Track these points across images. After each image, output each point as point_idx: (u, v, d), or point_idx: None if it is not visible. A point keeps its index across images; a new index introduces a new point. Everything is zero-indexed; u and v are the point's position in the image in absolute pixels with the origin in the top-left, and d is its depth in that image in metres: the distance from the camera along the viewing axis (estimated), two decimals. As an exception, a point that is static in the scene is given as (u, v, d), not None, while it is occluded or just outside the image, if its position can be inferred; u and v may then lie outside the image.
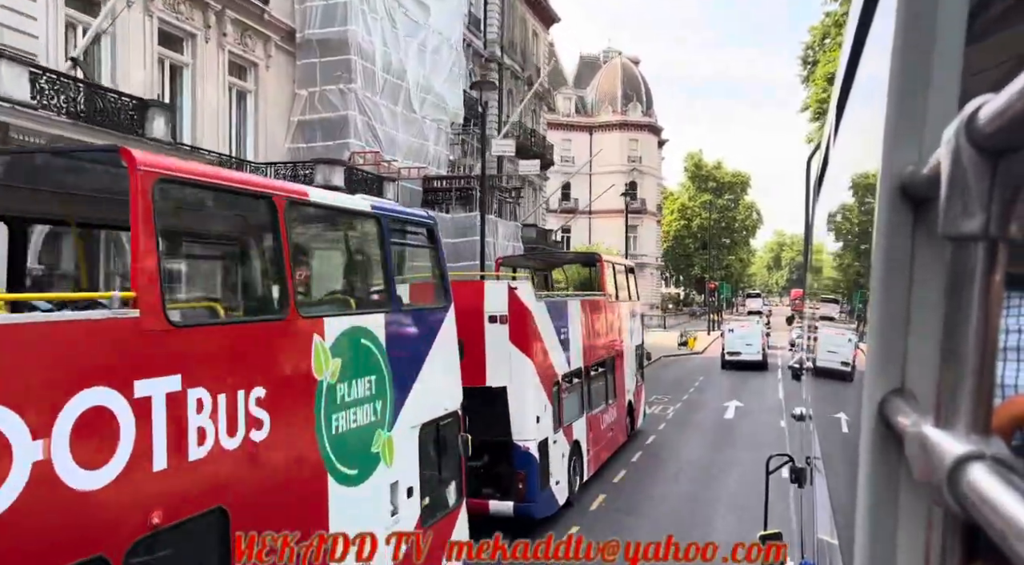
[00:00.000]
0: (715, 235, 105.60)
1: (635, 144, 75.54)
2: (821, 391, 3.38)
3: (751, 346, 36.92)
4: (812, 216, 5.43)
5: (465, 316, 11.78)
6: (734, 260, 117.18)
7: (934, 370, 0.75)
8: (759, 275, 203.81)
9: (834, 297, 2.73)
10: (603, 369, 17.08)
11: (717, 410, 25.33)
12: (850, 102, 2.15)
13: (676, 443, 20.15)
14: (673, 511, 14.01)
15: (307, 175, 18.10)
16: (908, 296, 0.91)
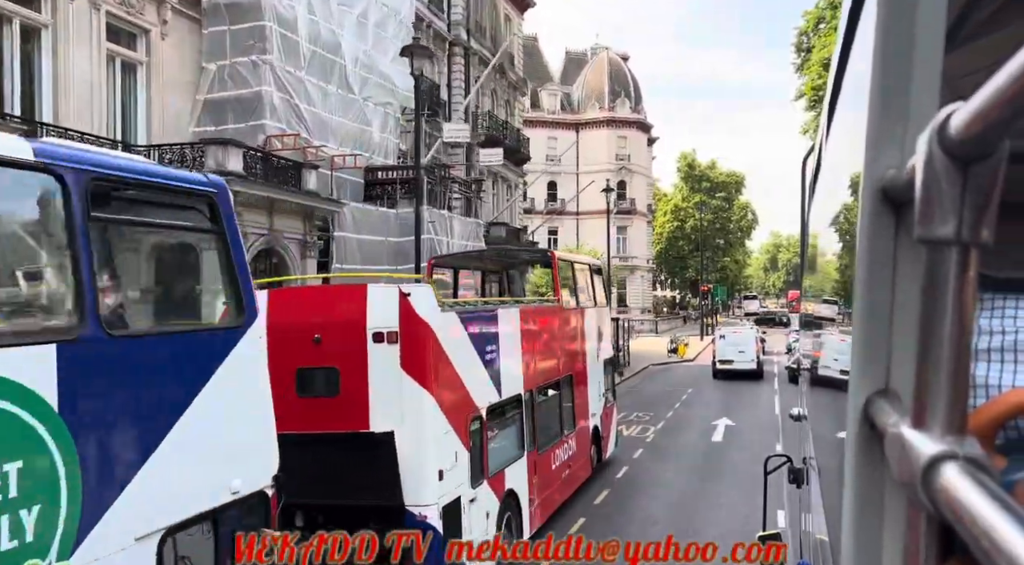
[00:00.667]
0: (709, 236, 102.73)
1: (623, 141, 72.44)
2: (814, 391, 3.52)
3: (744, 353, 33.76)
4: (807, 217, 5.38)
5: (340, 333, 8.60)
6: (729, 262, 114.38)
7: (914, 371, 0.77)
8: (756, 277, 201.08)
9: (827, 298, 2.83)
10: (556, 392, 13.90)
11: (704, 431, 22.11)
12: (839, 104, 2.21)
13: (652, 476, 16.95)
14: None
15: (198, 159, 14.93)
16: (891, 297, 0.92)
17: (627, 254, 72.15)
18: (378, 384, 8.57)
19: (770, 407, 26.02)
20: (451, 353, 9.17)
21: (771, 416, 24.12)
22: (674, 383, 33.72)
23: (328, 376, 8.77)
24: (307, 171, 17.47)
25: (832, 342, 2.25)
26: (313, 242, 17.86)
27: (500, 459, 10.71)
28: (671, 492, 15.81)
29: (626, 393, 30.40)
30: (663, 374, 37.98)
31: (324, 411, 8.67)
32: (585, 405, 15.72)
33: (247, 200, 15.55)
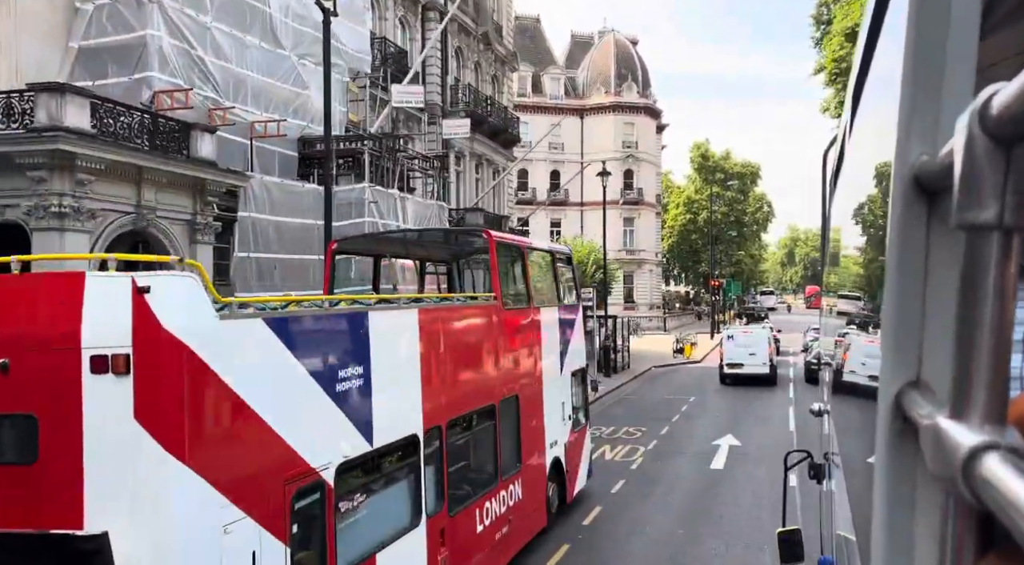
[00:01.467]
0: (723, 229, 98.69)
1: (630, 128, 68.51)
2: (837, 385, 3.45)
3: (755, 356, 29.98)
4: (828, 210, 5.29)
5: (38, 355, 5.07)
6: (744, 256, 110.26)
7: (949, 362, 0.77)
8: (772, 272, 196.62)
9: (851, 291, 2.82)
10: (488, 423, 10.28)
11: (703, 454, 18.39)
12: (865, 93, 2.18)
13: (631, 522, 13.27)
14: None
15: (28, 111, 11.41)
16: (923, 287, 0.92)
17: (634, 247, 68.29)
18: (97, 446, 5.00)
19: (783, 421, 22.27)
20: (246, 388, 5.55)
21: (784, 433, 20.41)
22: (676, 389, 29.98)
23: (18, 429, 5.23)
24: (198, 134, 13.86)
25: (857, 335, 2.26)
26: (207, 223, 14.30)
27: (366, 543, 7.09)
28: (652, 545, 12.15)
29: (618, 402, 26.73)
30: (665, 378, 34.25)
31: (8, 492, 5.12)
32: (538, 434, 12.09)
33: (102, 166, 12.03)
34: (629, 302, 68.22)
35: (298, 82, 18.75)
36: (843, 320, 3.16)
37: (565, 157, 68.71)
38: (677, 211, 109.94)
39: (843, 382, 2.92)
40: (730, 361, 30.40)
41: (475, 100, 32.10)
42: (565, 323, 13.86)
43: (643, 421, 22.62)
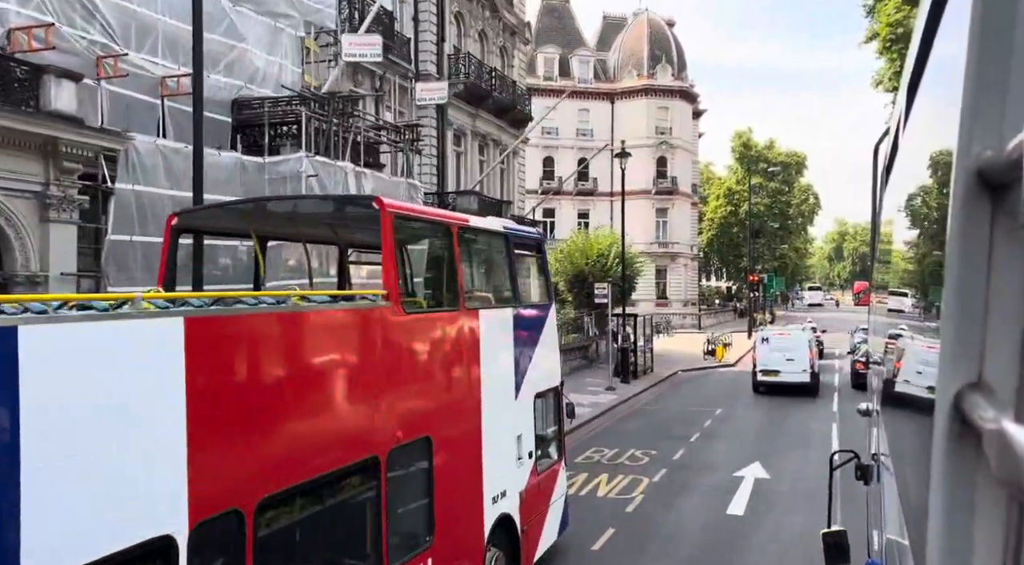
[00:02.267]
0: (766, 221, 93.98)
1: (664, 113, 64.38)
2: (889, 385, 3.38)
3: (794, 362, 26.12)
4: (880, 204, 5.26)
5: None
6: (788, 250, 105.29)
7: (1014, 363, 0.75)
8: (819, 267, 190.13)
9: (903, 287, 2.75)
10: (364, 488, 6.86)
11: (721, 490, 14.74)
12: (923, 83, 2.11)
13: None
14: None
15: None
16: (986, 284, 0.90)
17: (668, 239, 64.23)
18: None
19: (824, 442, 18.51)
20: None
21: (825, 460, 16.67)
22: (701, 398, 26.26)
23: None
24: (52, 81, 10.66)
25: (910, 333, 2.22)
26: (65, 196, 11.11)
27: None
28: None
29: (631, 415, 23.14)
30: (691, 384, 30.50)
31: None
32: (470, 488, 8.65)
33: None
34: (662, 298, 64.26)
35: (231, 33, 15.55)
36: (895, 318, 3.14)
37: (594, 144, 64.80)
38: (717, 203, 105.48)
39: (894, 381, 2.91)
40: (764, 367, 26.57)
41: (478, 72, 28.68)
42: (525, 331, 10.39)
43: (655, 441, 19.02)
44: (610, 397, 25.93)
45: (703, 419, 22.10)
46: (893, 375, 2.98)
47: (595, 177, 64.85)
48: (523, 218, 32.08)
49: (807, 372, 26.06)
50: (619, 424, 21.76)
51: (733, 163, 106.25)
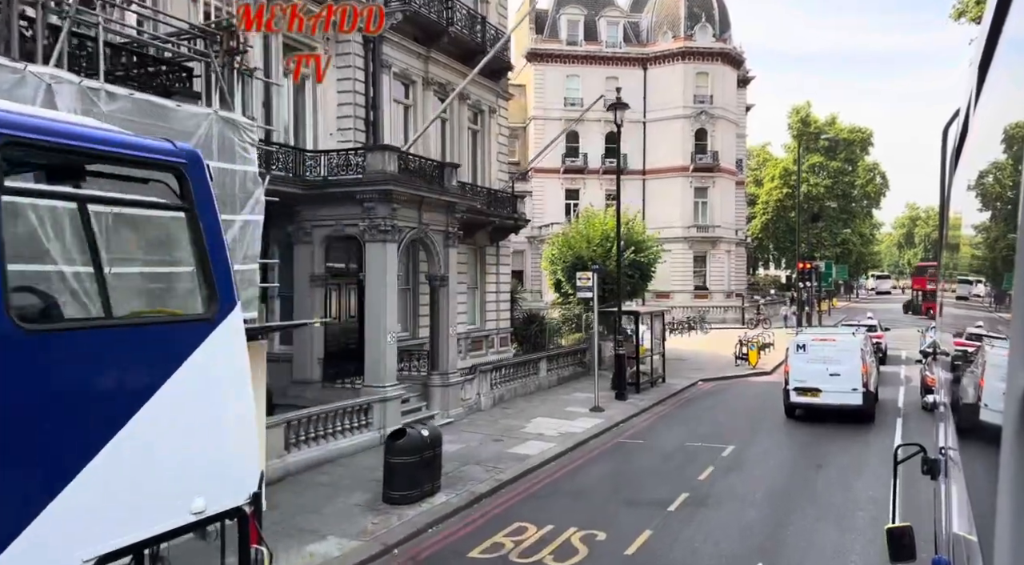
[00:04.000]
0: (825, 203, 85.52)
1: (704, 79, 56.93)
2: (957, 377, 3.31)
3: (840, 378, 19.22)
4: (949, 189, 5.11)
5: None
6: (851, 235, 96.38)
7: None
8: (887, 254, 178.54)
9: (973, 275, 2.68)
10: None
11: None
12: (996, 62, 2.07)
13: None
14: None
15: None
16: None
17: (707, 223, 56.87)
18: None
19: (881, 512, 11.80)
20: None
21: (882, 546, 10.21)
22: (711, 427, 19.57)
23: None
24: None
25: (980, 323, 2.19)
26: None
27: None
28: None
29: (602, 457, 16.64)
30: (707, 402, 23.74)
31: None
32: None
33: None
34: (700, 289, 57.01)
35: None
36: (963, 306, 3.08)
37: (624, 115, 57.71)
38: (772, 184, 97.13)
39: (963, 373, 2.86)
40: (800, 384, 19.71)
41: (435, 4, 22.35)
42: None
43: (615, 510, 12.59)
44: (590, 423, 19.50)
45: (702, 465, 15.50)
46: (961, 366, 3.00)
47: (625, 153, 57.80)
48: (496, 192, 25.69)
49: (858, 391, 19.11)
50: (579, 473, 15.33)
51: (791, 141, 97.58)
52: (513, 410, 20.94)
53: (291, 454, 13.87)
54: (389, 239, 16.57)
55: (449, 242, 19.11)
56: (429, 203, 18.03)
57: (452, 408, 18.99)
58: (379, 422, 16.23)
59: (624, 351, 23.58)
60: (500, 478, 14.26)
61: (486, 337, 26.42)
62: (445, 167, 19.07)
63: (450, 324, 19.15)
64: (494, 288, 26.99)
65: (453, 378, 19.11)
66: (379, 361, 16.49)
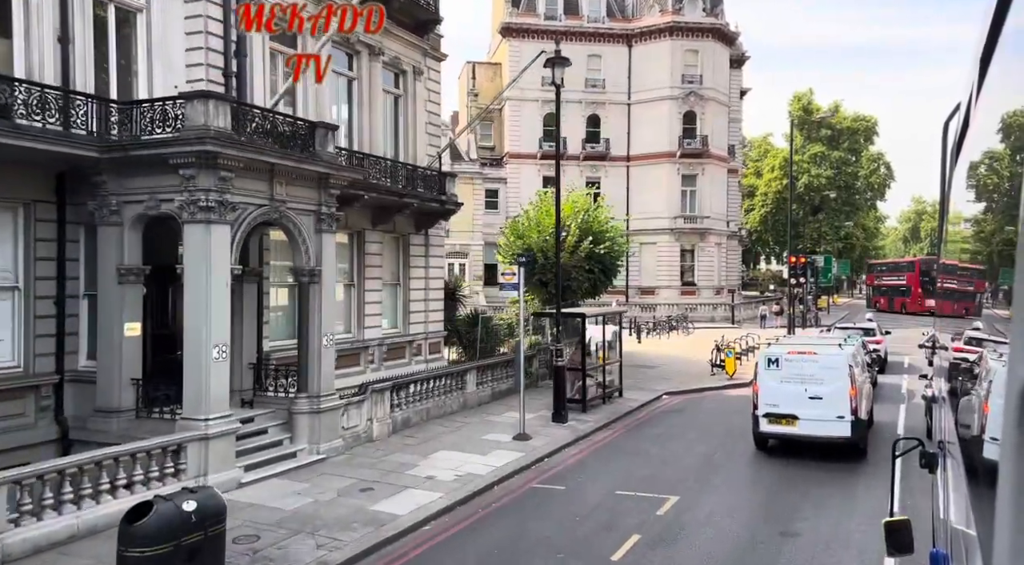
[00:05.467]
0: (827, 194, 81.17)
1: (693, 57, 52.50)
2: (955, 372, 3.39)
3: (821, 402, 15.02)
4: (949, 184, 5.17)
5: None
6: (854, 228, 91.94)
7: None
8: (892, 249, 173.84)
9: (973, 271, 2.67)
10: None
11: None
12: (997, 56, 2.09)
13: None
14: None
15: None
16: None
17: (696, 213, 52.50)
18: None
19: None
20: None
21: None
22: (658, 466, 15.30)
23: None
24: None
25: (978, 316, 2.20)
26: None
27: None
28: None
29: (498, 515, 12.31)
30: (665, 424, 19.45)
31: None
32: None
33: None
34: (688, 285, 52.69)
35: None
36: (961, 299, 3.11)
37: (607, 97, 53.51)
38: (772, 175, 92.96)
39: (961, 367, 2.87)
40: (772, 409, 15.50)
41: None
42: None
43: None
44: (506, 458, 15.34)
45: (624, 532, 11.29)
46: (959, 361, 3.04)
47: (607, 138, 53.53)
48: (418, 169, 21.43)
49: (845, 420, 14.88)
50: (454, 544, 11.13)
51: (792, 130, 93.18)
52: (416, 439, 16.74)
53: (20, 529, 9.65)
54: (216, 219, 12.37)
55: (323, 225, 14.89)
56: (287, 173, 13.81)
57: (326, 441, 14.80)
58: (198, 469, 12.05)
59: (565, 362, 19.35)
60: (330, 561, 10.07)
61: (410, 343, 22.21)
62: (317, 129, 14.82)
63: (323, 332, 14.94)
64: (421, 284, 22.77)
65: (327, 402, 14.91)
66: (200, 385, 12.30)
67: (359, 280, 20.34)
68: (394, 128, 22.17)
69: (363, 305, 20.33)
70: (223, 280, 12.59)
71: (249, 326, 15.69)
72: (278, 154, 13.41)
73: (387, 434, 16.76)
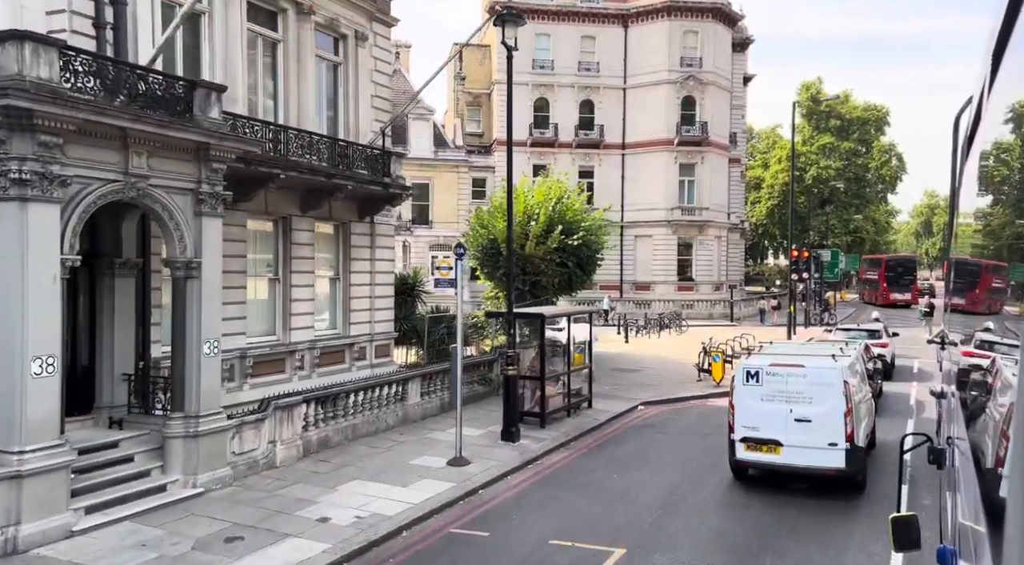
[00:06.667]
0: (834, 185, 78.16)
1: (693, 39, 49.55)
2: (966, 367, 3.29)
3: (810, 425, 12.31)
4: (960, 178, 5.10)
5: None
6: (864, 222, 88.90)
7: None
8: (904, 243, 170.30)
9: (984, 265, 2.68)
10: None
11: None
12: (1010, 49, 2.09)
13: None
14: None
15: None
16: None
17: (694, 204, 49.65)
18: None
19: None
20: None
21: None
22: (608, 502, 12.57)
23: None
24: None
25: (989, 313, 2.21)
26: None
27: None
28: None
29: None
30: (633, 444, 16.71)
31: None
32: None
33: None
34: (686, 280, 49.86)
35: None
36: (973, 297, 3.07)
37: (601, 81, 50.64)
38: (779, 167, 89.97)
39: (970, 363, 2.84)
40: (751, 433, 12.79)
41: None
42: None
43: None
44: (430, 490, 12.71)
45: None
46: (970, 356, 2.95)
47: (601, 125, 50.67)
48: (355, 147, 18.71)
49: (839, 448, 12.15)
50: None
51: (800, 121, 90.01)
52: (330, 465, 14.09)
53: None
54: (36, 196, 9.74)
55: (204, 207, 12.23)
56: (147, 141, 11.15)
57: (207, 470, 12.17)
58: (6, 517, 9.45)
59: (519, 371, 16.68)
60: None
61: (350, 346, 19.56)
62: (197, 89, 12.13)
63: (204, 337, 12.29)
64: (366, 279, 20.10)
65: (209, 423, 12.27)
66: (11, 408, 9.68)
67: (285, 274, 17.68)
68: (332, 101, 19.48)
69: (289, 302, 17.67)
70: (48, 274, 9.94)
71: (124, 330, 13.07)
72: (129, 116, 10.72)
73: (296, 459, 14.12)
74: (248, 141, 13.10)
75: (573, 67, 50.10)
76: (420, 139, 48.59)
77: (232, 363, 15.98)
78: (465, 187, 49.64)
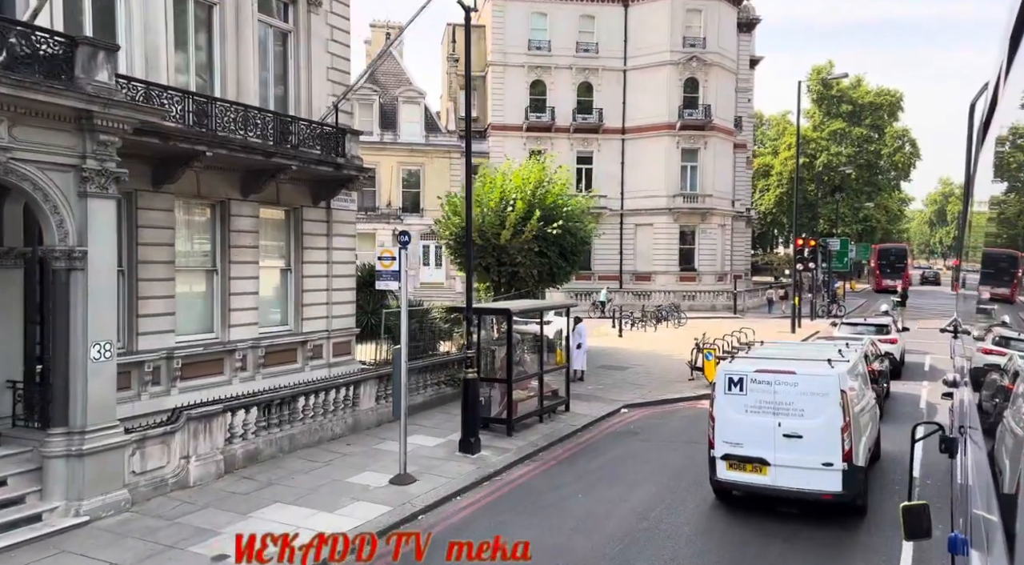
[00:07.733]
0: (843, 170, 75.84)
1: (695, 17, 47.37)
2: (980, 355, 3.22)
3: (801, 442, 10.45)
4: (975, 165, 5.01)
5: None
6: (876, 210, 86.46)
7: None
8: (917, 232, 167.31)
9: (999, 252, 2.62)
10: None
11: None
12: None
13: None
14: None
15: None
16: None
17: (697, 192, 47.59)
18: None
19: None
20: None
21: None
22: (568, 533, 10.74)
23: None
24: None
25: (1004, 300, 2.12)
26: None
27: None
28: None
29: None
30: (609, 455, 14.85)
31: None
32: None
33: None
34: (688, 270, 47.88)
35: None
36: (990, 283, 3.00)
37: (600, 62, 48.57)
38: (788, 153, 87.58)
39: (986, 353, 2.76)
40: (734, 450, 10.96)
41: None
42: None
43: None
44: (355, 519, 10.93)
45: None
46: (983, 344, 2.93)
47: (600, 108, 48.62)
48: (299, 121, 16.87)
49: (835, 468, 10.30)
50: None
51: (810, 106, 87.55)
52: (253, 484, 12.33)
53: None
54: None
55: (91, 187, 10.45)
56: (8, 107, 9.37)
57: (96, 494, 10.44)
58: None
59: (476, 374, 14.87)
60: None
61: (303, 344, 17.79)
62: (80, 47, 10.33)
63: (92, 339, 10.54)
64: (323, 270, 18.31)
65: (98, 439, 10.53)
66: None
67: (224, 264, 15.92)
68: (281, 72, 17.66)
69: (229, 297, 15.92)
70: None
71: (7, 329, 11.33)
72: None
73: (215, 476, 12.37)
74: (146, 110, 11.25)
75: (571, 48, 48.07)
76: (411, 124, 46.73)
77: (157, 365, 14.26)
78: (458, 174, 47.78)
